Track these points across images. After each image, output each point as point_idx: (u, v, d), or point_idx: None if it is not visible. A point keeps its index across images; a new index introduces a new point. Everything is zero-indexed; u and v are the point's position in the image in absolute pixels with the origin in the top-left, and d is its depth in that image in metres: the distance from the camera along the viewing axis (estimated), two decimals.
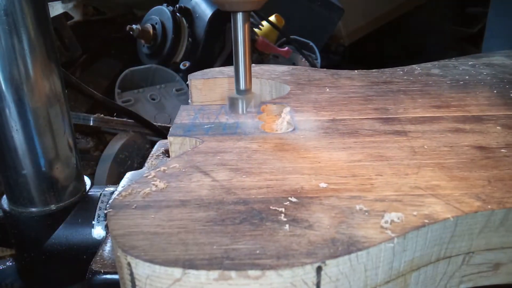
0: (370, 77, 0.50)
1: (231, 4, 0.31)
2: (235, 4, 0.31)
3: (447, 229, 0.24)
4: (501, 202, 0.26)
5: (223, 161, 0.31)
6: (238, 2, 0.31)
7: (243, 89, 0.34)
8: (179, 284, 0.20)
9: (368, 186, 0.27)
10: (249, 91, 0.35)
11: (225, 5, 0.32)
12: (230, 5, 0.32)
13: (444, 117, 0.39)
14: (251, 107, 0.35)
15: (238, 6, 0.32)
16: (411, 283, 0.25)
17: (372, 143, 0.34)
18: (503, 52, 0.62)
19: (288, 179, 0.28)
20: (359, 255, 0.21)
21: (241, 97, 0.34)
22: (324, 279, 0.21)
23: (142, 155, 0.84)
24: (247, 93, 0.34)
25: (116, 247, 0.21)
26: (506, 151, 0.32)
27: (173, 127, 0.38)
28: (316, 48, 1.19)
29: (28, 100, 0.36)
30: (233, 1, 0.31)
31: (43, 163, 0.38)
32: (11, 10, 0.33)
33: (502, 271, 0.27)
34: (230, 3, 0.31)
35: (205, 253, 0.21)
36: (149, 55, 1.14)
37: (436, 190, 0.27)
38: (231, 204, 0.25)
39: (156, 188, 0.27)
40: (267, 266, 0.20)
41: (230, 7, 0.32)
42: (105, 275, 0.32)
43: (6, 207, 0.40)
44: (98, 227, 0.40)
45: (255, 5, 0.32)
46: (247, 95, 0.34)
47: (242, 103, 0.34)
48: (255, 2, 0.32)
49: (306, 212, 0.25)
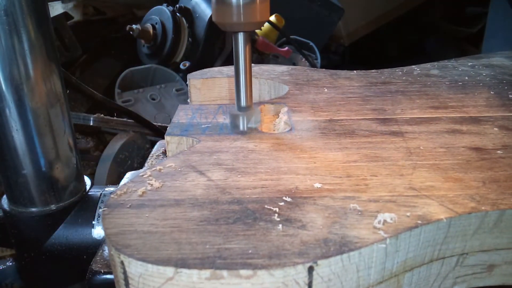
0: (369, 78, 0.50)
1: (232, 25, 0.32)
2: (236, 25, 0.32)
3: (440, 230, 0.25)
4: (495, 203, 0.26)
5: (219, 161, 0.31)
6: (238, 24, 0.32)
7: (244, 106, 0.36)
8: (171, 283, 0.20)
9: (363, 186, 0.28)
10: (250, 107, 0.36)
11: (226, 26, 0.33)
12: (230, 26, 0.32)
13: (442, 118, 0.39)
14: (251, 123, 0.36)
15: (238, 27, 0.32)
16: (404, 284, 0.25)
17: (368, 143, 0.34)
18: (503, 53, 0.61)
19: (283, 179, 0.28)
20: (351, 255, 0.21)
21: (242, 114, 0.35)
22: (316, 279, 0.21)
23: (142, 155, 0.84)
24: (248, 109, 0.36)
25: (110, 246, 0.22)
26: (502, 152, 0.32)
27: (170, 126, 0.38)
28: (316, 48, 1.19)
29: (28, 100, 0.36)
30: (233, 23, 0.32)
31: (43, 163, 0.38)
32: (11, 10, 0.33)
33: (496, 273, 0.27)
34: (231, 25, 0.32)
35: (197, 253, 0.21)
36: (149, 55, 1.14)
37: (430, 191, 0.27)
38: (225, 204, 0.25)
39: (151, 187, 0.27)
40: (259, 265, 0.20)
41: (231, 28, 0.32)
42: (105, 275, 0.32)
43: (6, 207, 0.40)
44: (98, 227, 0.40)
45: (255, 26, 0.33)
46: (248, 111, 0.35)
47: (243, 120, 0.35)
48: (255, 24, 0.32)
49: (299, 212, 0.25)
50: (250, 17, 0.31)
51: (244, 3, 0.31)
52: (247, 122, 0.36)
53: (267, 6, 0.32)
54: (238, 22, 0.31)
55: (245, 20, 0.31)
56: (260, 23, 0.32)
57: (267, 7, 0.32)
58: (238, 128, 0.36)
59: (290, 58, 1.14)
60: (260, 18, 0.32)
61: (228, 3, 0.31)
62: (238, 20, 0.31)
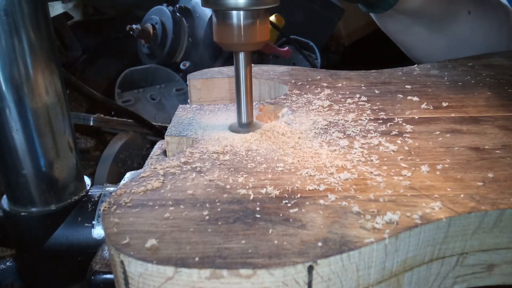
0: (369, 78, 0.50)
1: (232, 46, 0.32)
2: (236, 46, 0.32)
3: (440, 230, 0.25)
4: (495, 203, 0.26)
5: (219, 161, 0.31)
6: (238, 45, 0.32)
7: (244, 123, 0.36)
8: (171, 282, 0.20)
9: (363, 186, 0.28)
10: (250, 124, 0.36)
11: (227, 46, 0.33)
12: (231, 47, 0.33)
13: (441, 118, 0.39)
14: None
15: (239, 48, 0.33)
16: (404, 284, 0.25)
17: (369, 143, 0.34)
18: (502, 53, 0.61)
19: (283, 178, 0.28)
20: (351, 254, 0.21)
21: (243, 130, 0.36)
22: (315, 278, 0.21)
23: (142, 155, 0.84)
24: (249, 126, 0.36)
25: (110, 246, 0.22)
26: (501, 152, 0.32)
27: (170, 126, 0.38)
28: (316, 48, 1.18)
29: (28, 100, 0.36)
30: (233, 43, 0.32)
31: (43, 163, 0.38)
32: (11, 10, 0.33)
33: (496, 272, 0.27)
34: (231, 45, 0.32)
35: (197, 252, 0.21)
36: (149, 55, 1.14)
37: (430, 190, 0.27)
38: (225, 204, 0.26)
39: (151, 187, 0.27)
40: (259, 265, 0.20)
41: (231, 48, 0.33)
42: (105, 275, 0.32)
43: (6, 207, 0.40)
44: (98, 227, 0.40)
45: (255, 47, 0.33)
46: (249, 128, 0.36)
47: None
48: (256, 44, 0.33)
49: (299, 211, 0.25)
50: (251, 38, 0.32)
51: (244, 24, 0.31)
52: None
53: (268, 27, 0.33)
54: (238, 43, 0.32)
55: (245, 40, 0.32)
56: (261, 43, 0.33)
57: (267, 27, 0.33)
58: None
59: (290, 58, 1.14)
60: (260, 38, 0.33)
61: (229, 24, 0.31)
62: (238, 40, 0.32)
